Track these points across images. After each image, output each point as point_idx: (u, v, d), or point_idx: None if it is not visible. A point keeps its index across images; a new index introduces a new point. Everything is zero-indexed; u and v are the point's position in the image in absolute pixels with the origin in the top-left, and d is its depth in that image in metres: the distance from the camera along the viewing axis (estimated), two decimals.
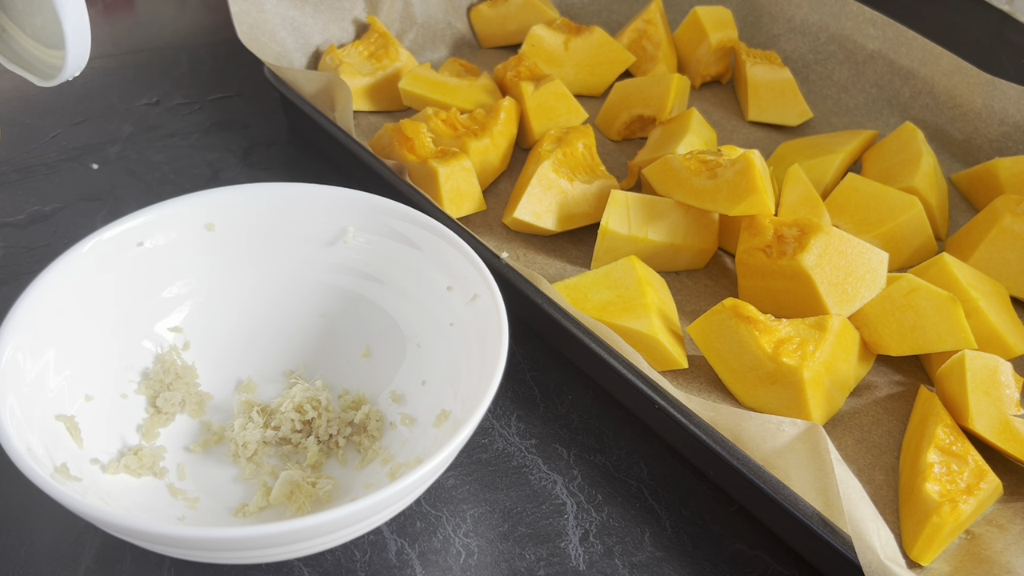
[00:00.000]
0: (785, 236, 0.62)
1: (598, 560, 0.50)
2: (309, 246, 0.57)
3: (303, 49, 0.84)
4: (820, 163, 0.74)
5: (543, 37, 0.85)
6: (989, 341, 0.60)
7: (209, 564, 0.49)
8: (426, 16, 0.91)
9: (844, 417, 0.59)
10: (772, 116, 0.85)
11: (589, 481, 0.55)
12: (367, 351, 0.57)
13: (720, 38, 0.87)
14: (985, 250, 0.66)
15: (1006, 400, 0.55)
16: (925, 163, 0.72)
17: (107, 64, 0.90)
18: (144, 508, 0.48)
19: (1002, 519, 0.53)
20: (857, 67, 0.86)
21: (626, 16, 0.97)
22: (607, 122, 0.82)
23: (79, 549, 0.49)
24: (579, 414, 0.59)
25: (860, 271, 0.60)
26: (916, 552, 0.50)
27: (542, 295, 0.59)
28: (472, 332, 0.52)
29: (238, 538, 0.39)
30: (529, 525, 0.52)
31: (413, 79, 0.79)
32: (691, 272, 0.69)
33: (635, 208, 0.65)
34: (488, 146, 0.73)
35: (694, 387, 0.60)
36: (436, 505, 0.52)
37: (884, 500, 0.54)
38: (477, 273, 0.52)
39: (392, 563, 0.49)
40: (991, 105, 0.78)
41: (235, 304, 0.57)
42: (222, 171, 0.77)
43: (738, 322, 0.57)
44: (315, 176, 0.60)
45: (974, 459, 0.53)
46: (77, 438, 0.47)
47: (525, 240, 0.70)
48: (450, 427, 0.50)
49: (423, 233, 0.55)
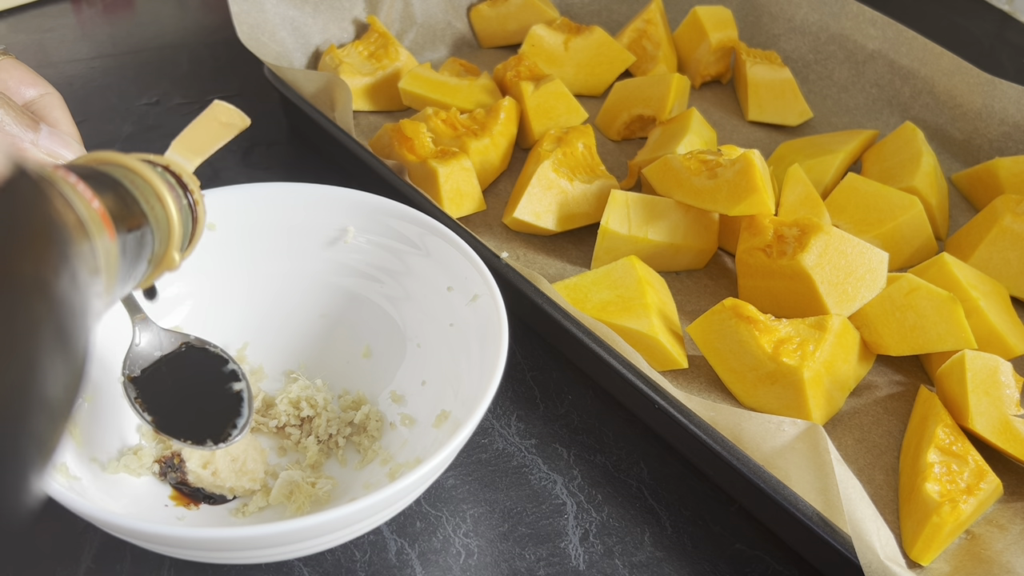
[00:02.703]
0: (785, 236, 0.62)
1: (598, 560, 0.50)
2: (309, 246, 0.57)
3: (303, 49, 0.84)
4: (820, 163, 0.74)
5: (543, 37, 0.85)
6: (989, 341, 0.60)
7: (209, 564, 0.49)
8: (426, 16, 0.91)
9: (844, 417, 0.59)
10: (772, 116, 0.85)
11: (589, 481, 0.55)
12: (367, 351, 0.57)
13: (720, 38, 0.87)
14: (985, 250, 0.66)
15: (1006, 400, 0.54)
16: (925, 163, 0.72)
17: (107, 64, 0.90)
18: (144, 508, 0.48)
19: (1002, 519, 0.53)
20: (857, 67, 0.86)
21: (626, 16, 0.97)
22: (607, 122, 0.82)
23: (79, 549, 0.49)
24: (579, 414, 0.59)
25: (860, 271, 0.60)
26: (916, 552, 0.50)
27: (542, 295, 0.59)
28: (472, 332, 0.52)
29: (238, 538, 0.39)
30: (529, 525, 0.52)
31: (413, 79, 0.79)
32: (691, 272, 0.69)
33: (635, 208, 0.65)
34: (488, 146, 0.73)
35: (694, 387, 0.60)
36: (436, 505, 0.52)
37: (884, 500, 0.54)
38: (477, 273, 0.52)
39: (392, 563, 0.49)
40: (991, 105, 0.78)
41: (235, 304, 0.57)
42: (222, 171, 0.77)
43: (738, 322, 0.57)
44: (315, 176, 0.60)
45: (974, 459, 0.53)
46: (77, 437, 0.47)
47: (525, 240, 0.70)
48: (450, 427, 0.50)
49: (423, 233, 0.55)
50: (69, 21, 0.97)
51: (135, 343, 0.47)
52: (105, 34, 0.95)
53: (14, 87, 0.48)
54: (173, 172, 0.38)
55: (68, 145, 0.46)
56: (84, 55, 0.92)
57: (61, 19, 0.97)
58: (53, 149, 0.45)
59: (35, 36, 0.94)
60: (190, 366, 0.48)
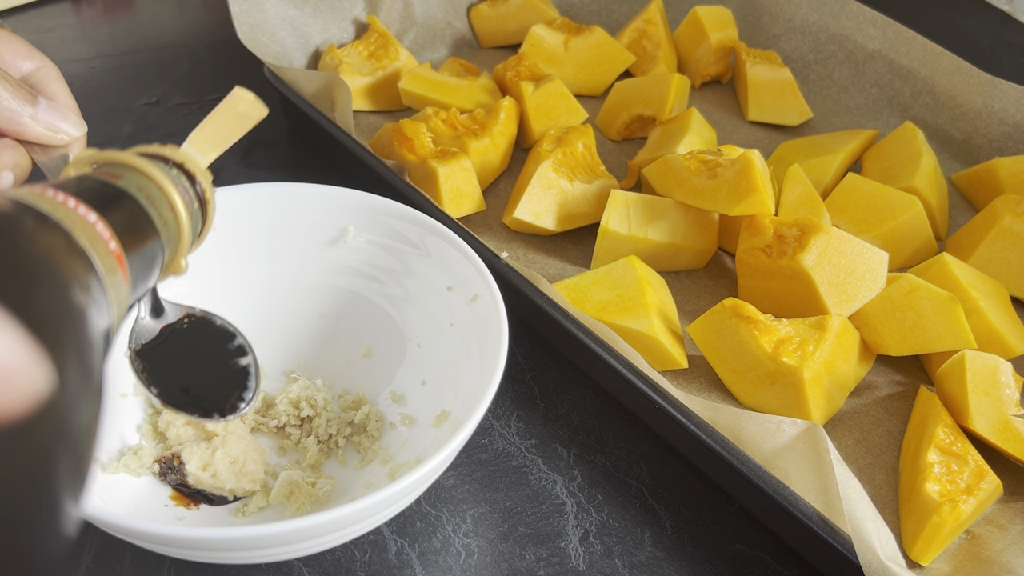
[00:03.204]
0: (785, 236, 0.62)
1: (598, 560, 0.50)
2: (309, 246, 0.57)
3: (303, 49, 0.84)
4: (820, 163, 0.74)
5: (543, 37, 0.85)
6: (989, 341, 0.60)
7: (209, 564, 0.49)
8: (426, 16, 0.91)
9: (844, 417, 0.59)
10: (772, 116, 0.85)
11: (589, 481, 0.55)
12: (367, 351, 0.57)
13: (720, 38, 0.87)
14: (985, 250, 0.66)
15: (1006, 400, 0.54)
16: (925, 163, 0.72)
17: (107, 64, 0.90)
18: (144, 508, 0.48)
19: (1002, 519, 0.53)
20: (857, 67, 0.86)
21: (626, 16, 0.97)
22: (607, 122, 0.82)
23: (79, 549, 0.49)
24: (579, 414, 0.59)
25: (860, 271, 0.60)
26: (916, 552, 0.50)
27: (542, 295, 0.59)
28: (472, 332, 0.52)
29: (238, 538, 0.39)
30: (529, 525, 0.52)
31: (413, 79, 0.79)
32: (691, 272, 0.69)
33: (635, 208, 0.65)
34: (488, 146, 0.73)
35: (694, 387, 0.60)
36: (436, 505, 0.52)
37: (884, 500, 0.54)
38: (477, 273, 0.52)
39: (392, 563, 0.49)
40: (991, 105, 0.78)
41: (235, 304, 0.57)
42: (222, 171, 0.77)
43: (738, 322, 0.57)
44: (315, 176, 0.60)
45: (974, 459, 0.53)
46: None
47: (525, 240, 0.70)
48: (450, 427, 0.50)
49: (423, 233, 0.55)
50: (69, 21, 0.97)
51: (140, 316, 0.47)
52: (105, 34, 0.95)
53: (10, 60, 0.47)
54: (187, 170, 0.38)
55: (67, 118, 0.46)
56: (84, 55, 0.92)
57: (61, 19, 0.97)
58: (52, 123, 0.45)
59: (35, 36, 0.94)
60: (197, 339, 0.47)
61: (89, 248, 0.28)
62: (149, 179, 0.34)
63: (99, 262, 0.28)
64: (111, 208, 0.31)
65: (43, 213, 0.27)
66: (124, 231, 0.30)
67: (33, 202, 0.27)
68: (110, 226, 0.30)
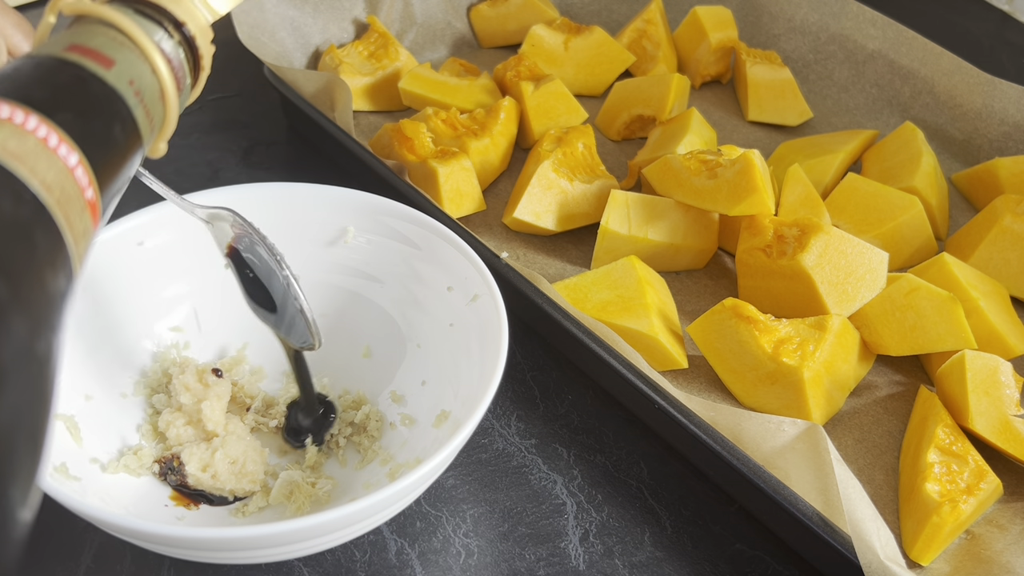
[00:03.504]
0: (785, 236, 0.62)
1: (598, 560, 0.50)
2: (309, 246, 0.57)
3: (303, 49, 0.84)
4: (820, 163, 0.74)
5: (543, 37, 0.85)
6: (989, 341, 0.60)
7: (209, 564, 0.49)
8: (426, 16, 0.90)
9: (844, 417, 0.59)
10: (772, 116, 0.85)
11: (589, 481, 0.55)
12: (367, 351, 0.57)
13: (720, 38, 0.87)
14: (985, 250, 0.66)
15: (1006, 400, 0.54)
16: (925, 163, 0.72)
17: None
18: (144, 508, 0.48)
19: (1002, 519, 0.53)
20: (857, 67, 0.86)
21: (626, 16, 0.97)
22: (607, 122, 0.82)
23: (79, 549, 0.49)
24: (579, 414, 0.59)
25: (860, 271, 0.60)
26: (916, 552, 0.50)
27: (542, 295, 0.59)
28: (472, 332, 0.52)
29: (238, 538, 0.39)
30: (529, 525, 0.52)
31: (413, 79, 0.79)
32: (691, 272, 0.69)
33: (635, 208, 0.65)
34: (488, 146, 0.73)
35: (694, 387, 0.60)
36: (436, 505, 0.52)
37: (884, 500, 0.54)
38: (477, 273, 0.52)
39: (392, 563, 0.49)
40: (991, 105, 0.78)
41: (235, 304, 0.57)
42: (222, 171, 0.77)
43: (738, 322, 0.57)
44: (315, 176, 0.60)
45: (974, 459, 0.53)
46: (77, 437, 0.47)
47: (525, 240, 0.70)
48: (450, 427, 0.50)
49: (423, 233, 0.55)
50: None
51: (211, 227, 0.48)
52: None
53: None
54: (187, 33, 0.32)
55: None
56: None
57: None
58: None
59: None
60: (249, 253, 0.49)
61: (62, 221, 0.23)
62: (145, 59, 0.29)
63: (69, 234, 0.24)
64: (95, 132, 0.26)
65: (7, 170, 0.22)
66: (106, 164, 0.26)
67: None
68: (91, 167, 0.25)
